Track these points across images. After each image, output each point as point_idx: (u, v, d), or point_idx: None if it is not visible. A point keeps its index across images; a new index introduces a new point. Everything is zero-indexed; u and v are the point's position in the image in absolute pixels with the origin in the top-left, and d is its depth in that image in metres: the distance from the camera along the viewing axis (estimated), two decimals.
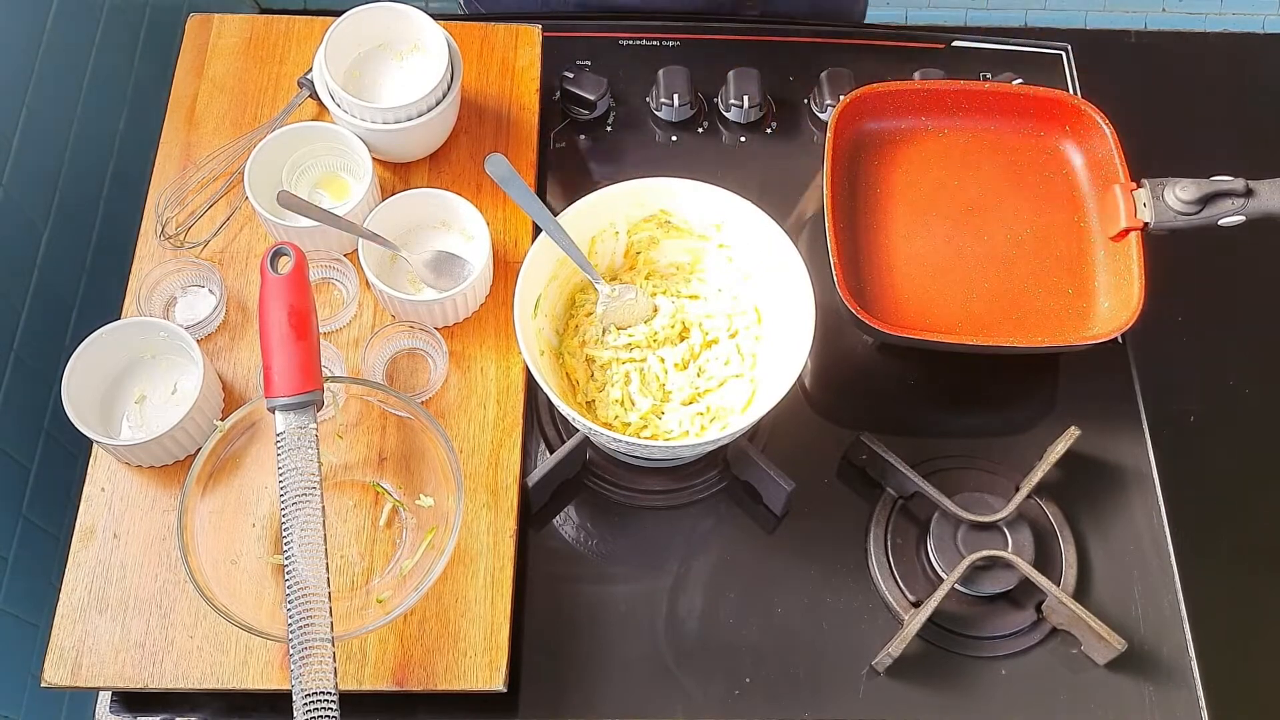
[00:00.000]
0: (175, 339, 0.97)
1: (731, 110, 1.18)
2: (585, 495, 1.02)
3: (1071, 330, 1.05)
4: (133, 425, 0.98)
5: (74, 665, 0.90)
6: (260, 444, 0.94)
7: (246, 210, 1.06)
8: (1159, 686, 0.95)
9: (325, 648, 0.80)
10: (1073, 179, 1.11)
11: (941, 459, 1.03)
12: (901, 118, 1.12)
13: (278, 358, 0.86)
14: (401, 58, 1.10)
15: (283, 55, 1.14)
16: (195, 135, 1.10)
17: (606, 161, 1.17)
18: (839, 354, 1.08)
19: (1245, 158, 2.16)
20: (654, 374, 1.00)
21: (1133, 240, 1.04)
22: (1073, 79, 1.23)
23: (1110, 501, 1.03)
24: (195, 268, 1.02)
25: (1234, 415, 2.08)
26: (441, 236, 1.06)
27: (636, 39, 1.23)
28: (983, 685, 0.95)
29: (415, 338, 1.02)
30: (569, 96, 1.17)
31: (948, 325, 1.05)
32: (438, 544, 0.92)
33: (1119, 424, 1.06)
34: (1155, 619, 0.98)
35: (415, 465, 0.97)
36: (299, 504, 0.84)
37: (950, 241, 1.09)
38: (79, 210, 1.35)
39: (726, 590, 0.98)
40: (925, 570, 0.98)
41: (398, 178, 1.10)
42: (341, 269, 1.04)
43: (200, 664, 0.90)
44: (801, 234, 1.12)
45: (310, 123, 1.07)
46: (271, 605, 0.90)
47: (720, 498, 1.02)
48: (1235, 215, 1.00)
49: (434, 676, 0.90)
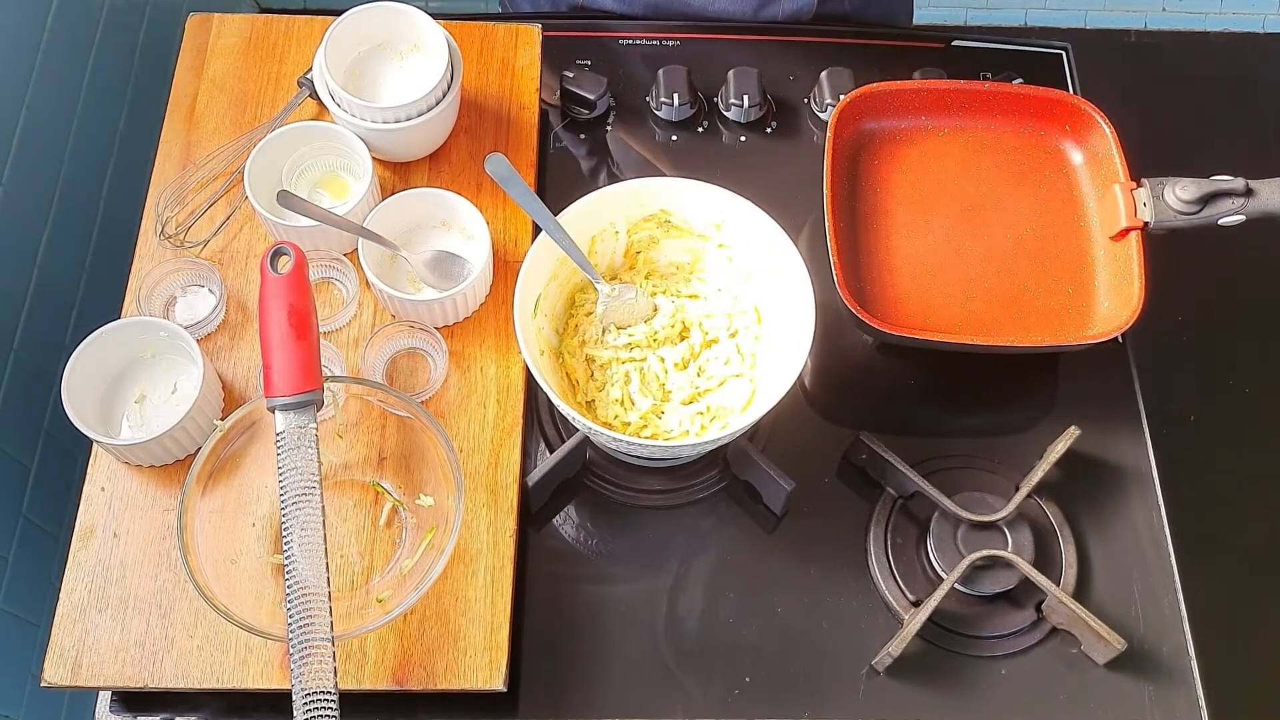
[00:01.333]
0: (175, 338, 0.97)
1: (731, 110, 1.18)
2: (585, 495, 1.02)
3: (1071, 330, 1.05)
4: (133, 425, 0.98)
5: (74, 665, 0.90)
6: (260, 444, 0.94)
7: (246, 210, 1.06)
8: (1159, 686, 0.95)
9: (325, 647, 0.80)
10: (1073, 179, 1.11)
11: (941, 459, 1.03)
12: (901, 118, 1.12)
13: (278, 357, 0.86)
14: (401, 57, 1.10)
15: (283, 55, 1.14)
16: (195, 135, 1.10)
17: (606, 162, 1.17)
18: (839, 354, 1.08)
19: (1245, 158, 2.16)
20: (654, 373, 1.00)
21: (1133, 240, 1.04)
22: (1073, 79, 1.23)
23: (1110, 501, 1.03)
24: (195, 267, 1.02)
25: (1234, 415, 2.08)
26: (441, 236, 1.06)
27: (636, 39, 1.23)
28: (983, 685, 0.95)
29: (415, 337, 1.02)
30: (569, 96, 1.17)
31: (948, 325, 1.05)
32: (438, 543, 0.92)
33: (1119, 424, 1.06)
34: (1155, 619, 0.98)
35: (415, 465, 0.97)
36: (299, 503, 0.84)
37: (950, 241, 1.09)
38: (79, 210, 1.35)
39: (726, 590, 0.98)
40: (925, 570, 0.98)
41: (398, 177, 1.10)
42: (341, 268, 1.04)
43: (200, 664, 0.90)
44: (801, 234, 1.12)
45: (310, 122, 1.07)
46: (271, 605, 0.90)
47: (720, 497, 1.02)
48: (1235, 215, 1.00)
49: (434, 676, 0.90)
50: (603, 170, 1.17)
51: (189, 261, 1.02)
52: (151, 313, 1.00)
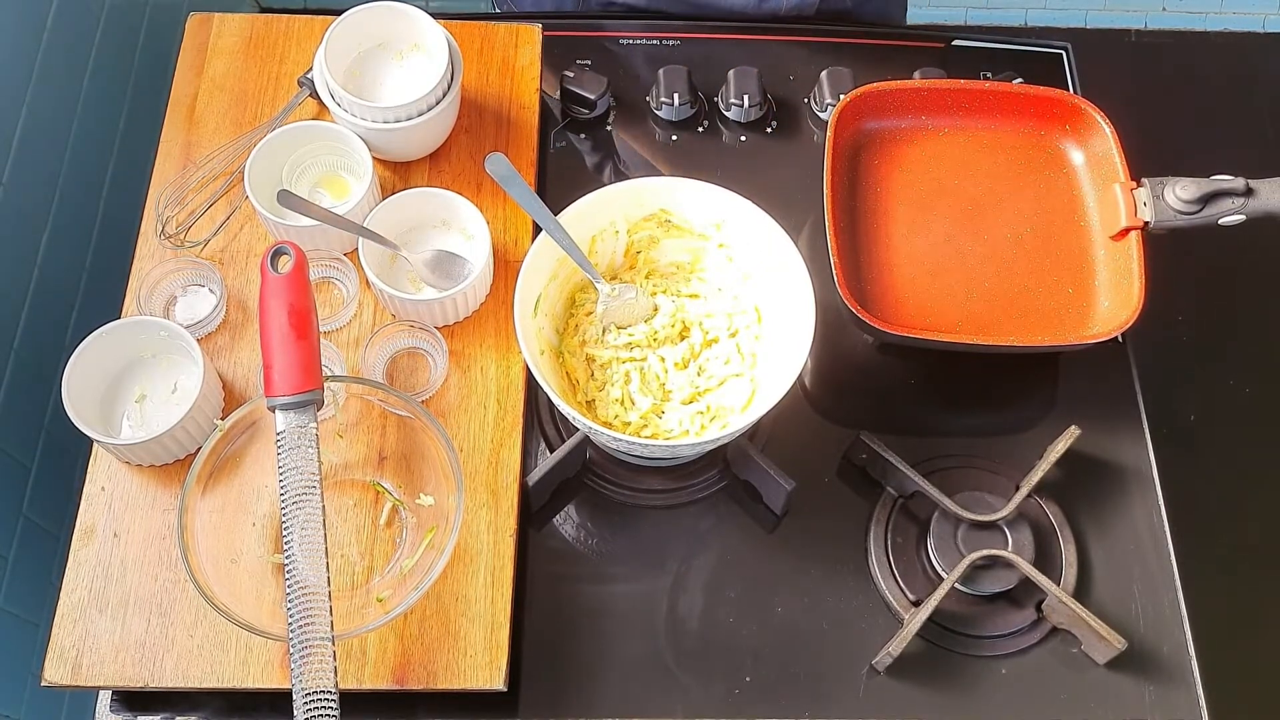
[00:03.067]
0: (175, 338, 0.97)
1: (731, 110, 1.18)
2: (585, 495, 1.02)
3: (1071, 330, 1.05)
4: (133, 424, 0.98)
5: (74, 664, 0.90)
6: (260, 443, 0.94)
7: (246, 209, 1.06)
8: (1159, 686, 0.95)
9: (325, 647, 0.80)
10: (1073, 178, 1.11)
11: (941, 458, 1.03)
12: (901, 117, 1.12)
13: (278, 357, 0.86)
14: (401, 57, 1.10)
15: (283, 55, 1.14)
16: (195, 135, 1.10)
17: (606, 161, 1.17)
18: (839, 354, 1.08)
19: (1245, 157, 2.16)
20: (654, 373, 1.00)
21: (1133, 239, 1.04)
22: (1073, 79, 1.23)
23: (1110, 501, 1.03)
24: (195, 267, 1.02)
25: (1234, 415, 2.08)
26: (442, 236, 1.06)
27: (636, 38, 1.23)
28: (983, 685, 0.95)
29: (415, 337, 1.02)
30: (569, 96, 1.17)
31: (948, 325, 1.05)
32: (438, 543, 0.92)
33: (1119, 424, 1.06)
34: (1155, 619, 0.98)
35: (415, 464, 0.97)
36: (299, 503, 0.84)
37: (950, 241, 1.09)
38: (79, 210, 1.34)
39: (726, 590, 0.98)
40: (925, 569, 0.98)
41: (398, 177, 1.10)
42: (341, 268, 1.04)
43: (200, 663, 0.90)
44: (801, 234, 1.12)
45: (310, 122, 1.07)
46: (272, 604, 0.90)
47: (720, 497, 1.02)
48: (1235, 214, 1.00)
49: (434, 676, 0.90)
50: (603, 170, 1.17)
51: (189, 261, 1.02)
52: (152, 312, 1.00)
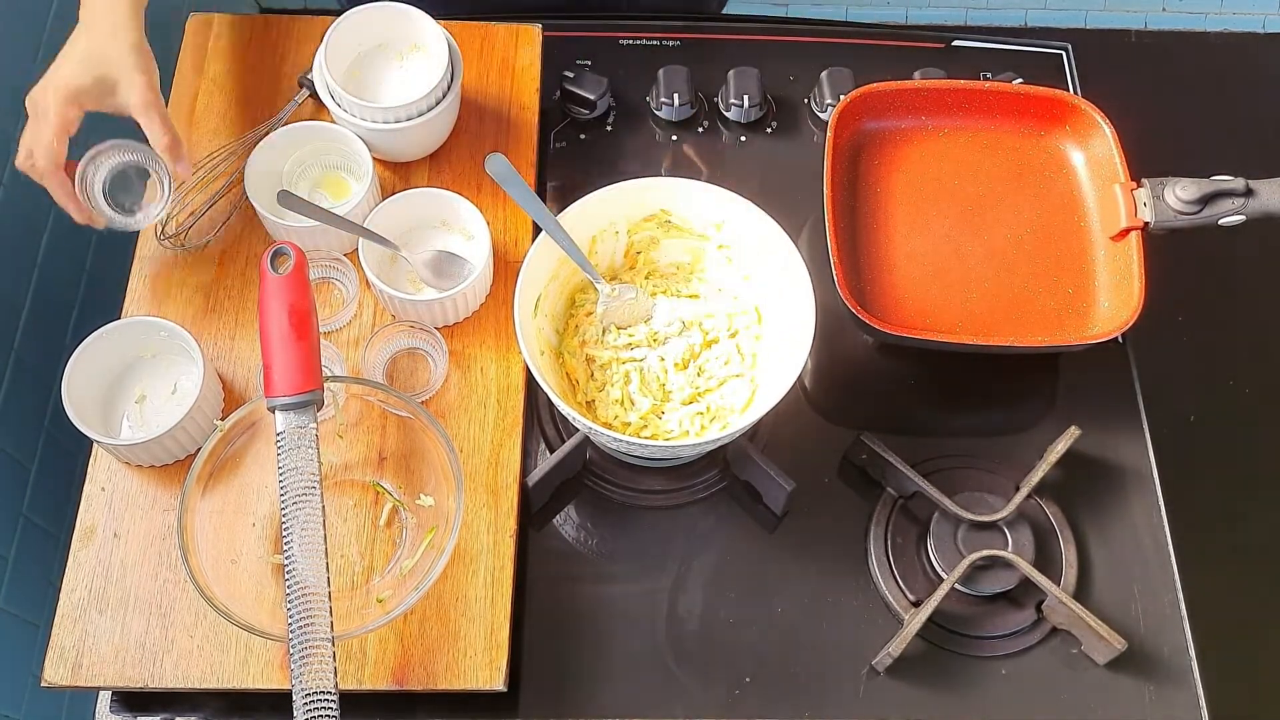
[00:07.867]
0: (175, 338, 0.97)
1: (731, 110, 1.18)
2: (585, 495, 1.02)
3: (1071, 330, 1.05)
4: (133, 425, 0.98)
5: (74, 665, 0.90)
6: (260, 444, 0.94)
7: (247, 210, 1.06)
8: (1159, 686, 0.95)
9: (325, 647, 0.80)
10: (1073, 179, 1.11)
11: (941, 459, 1.03)
12: (901, 118, 1.12)
13: (278, 357, 0.86)
14: (401, 57, 1.10)
15: (283, 55, 1.14)
16: (195, 135, 1.10)
17: (606, 161, 1.17)
18: (839, 354, 1.08)
19: (1245, 158, 2.15)
20: (654, 374, 1.00)
21: (1133, 240, 1.04)
22: (1073, 79, 1.23)
23: (1110, 501, 1.03)
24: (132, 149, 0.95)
25: (1234, 415, 2.08)
26: (442, 236, 1.06)
27: (636, 39, 1.23)
28: (983, 685, 0.95)
29: (415, 337, 1.02)
30: (569, 96, 1.17)
31: (948, 325, 1.05)
32: (438, 543, 0.92)
33: (1119, 424, 1.06)
34: (1155, 619, 0.98)
35: (415, 465, 0.97)
36: (299, 504, 0.84)
37: (950, 241, 1.09)
38: None
39: (726, 590, 0.98)
40: (925, 570, 0.98)
41: (398, 177, 1.10)
42: (341, 268, 1.04)
43: (200, 664, 0.90)
44: (801, 234, 1.12)
45: (310, 122, 1.07)
46: (272, 605, 0.90)
47: (720, 497, 1.02)
48: (1235, 215, 1.00)
49: (434, 676, 0.90)
50: (603, 170, 1.16)
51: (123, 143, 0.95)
52: (91, 188, 0.94)
